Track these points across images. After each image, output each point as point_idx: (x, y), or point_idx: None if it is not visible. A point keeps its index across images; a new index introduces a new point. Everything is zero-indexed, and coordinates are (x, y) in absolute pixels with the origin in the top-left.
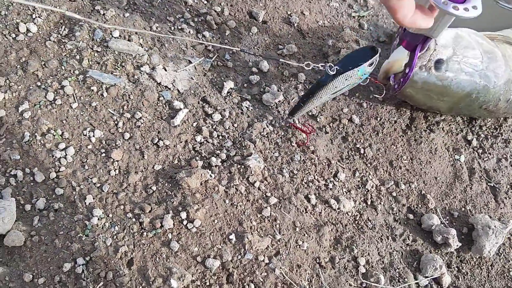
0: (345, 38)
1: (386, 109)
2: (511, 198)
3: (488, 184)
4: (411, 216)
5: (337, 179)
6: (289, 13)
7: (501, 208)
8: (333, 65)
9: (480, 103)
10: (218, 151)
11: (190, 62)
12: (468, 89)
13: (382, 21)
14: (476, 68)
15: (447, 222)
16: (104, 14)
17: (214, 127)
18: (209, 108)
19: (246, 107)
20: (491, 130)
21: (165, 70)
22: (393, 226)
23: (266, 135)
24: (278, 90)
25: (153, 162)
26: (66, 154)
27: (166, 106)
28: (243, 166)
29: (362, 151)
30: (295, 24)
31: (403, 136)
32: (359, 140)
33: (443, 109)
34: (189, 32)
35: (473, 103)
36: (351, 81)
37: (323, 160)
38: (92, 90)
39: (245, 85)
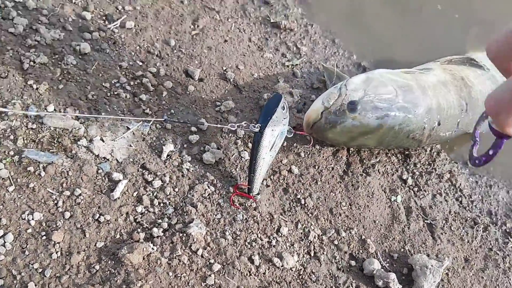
0: (280, 91)
1: (323, 157)
2: (447, 233)
3: (425, 221)
4: (353, 262)
5: (280, 234)
6: (224, 68)
7: (438, 245)
8: (254, 124)
9: (406, 133)
10: (160, 220)
11: (128, 128)
12: (388, 123)
13: (314, 67)
14: (391, 102)
15: (387, 265)
16: (37, 89)
17: (155, 195)
18: (149, 175)
19: (187, 169)
20: (425, 167)
21: (103, 141)
22: (336, 275)
23: (207, 197)
24: (218, 148)
25: (95, 239)
26: (5, 241)
27: (105, 178)
28: (185, 234)
29: (303, 202)
30: (231, 79)
31: (341, 182)
32: (299, 191)
33: (372, 145)
34: (126, 96)
35: (398, 134)
36: (278, 130)
37: (266, 216)
38: (29, 170)
39: (185, 145)
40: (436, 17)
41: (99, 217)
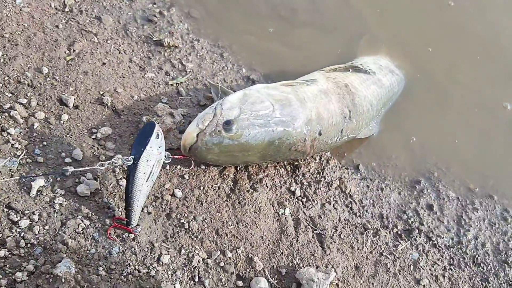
0: (159, 113)
1: (209, 177)
2: (337, 242)
3: (314, 232)
4: (240, 283)
5: (160, 263)
6: (101, 93)
7: (327, 255)
8: (126, 157)
9: (287, 146)
10: (26, 263)
11: None
12: (267, 139)
13: (201, 84)
14: (268, 118)
15: (276, 281)
16: None
17: (21, 235)
18: (15, 214)
19: (60, 203)
20: (314, 176)
21: None
22: None
23: (81, 232)
24: (94, 178)
25: None
26: None
27: None
28: (52, 276)
29: (187, 226)
30: (109, 104)
31: (227, 201)
32: (183, 215)
33: (255, 161)
34: None
35: (280, 148)
36: (154, 159)
37: (146, 245)
38: None
39: (58, 179)
40: (322, 27)
41: None
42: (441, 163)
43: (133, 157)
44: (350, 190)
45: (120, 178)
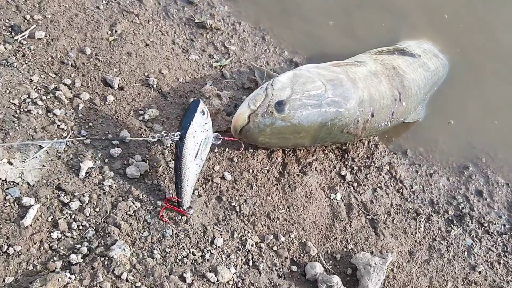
0: (206, 94)
1: (257, 160)
2: (390, 227)
3: (367, 217)
4: (294, 268)
5: (214, 247)
6: (146, 74)
7: (381, 240)
8: (173, 133)
9: (339, 127)
10: (79, 245)
11: (41, 147)
12: (320, 120)
13: (245, 67)
14: (321, 99)
15: (330, 267)
16: None
17: (73, 217)
18: (66, 196)
19: (109, 185)
20: (364, 160)
21: (11, 163)
22: (277, 284)
23: (133, 214)
24: (143, 160)
25: (3, 274)
26: None
27: (14, 205)
28: (107, 258)
29: (238, 209)
30: (155, 86)
31: (277, 185)
32: (234, 198)
33: (306, 144)
34: (38, 112)
35: (332, 130)
36: (201, 136)
37: (198, 228)
38: None
39: (106, 160)
40: (370, 9)
41: (7, 248)
42: (488, 148)
43: (180, 133)
44: (400, 175)
45: (170, 160)
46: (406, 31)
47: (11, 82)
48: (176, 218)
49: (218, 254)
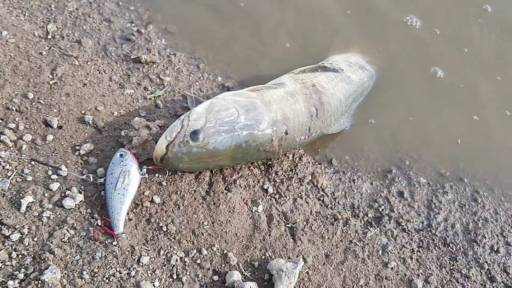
0: (135, 126)
1: (185, 181)
2: (308, 234)
3: (286, 225)
4: (216, 277)
5: (140, 264)
6: (83, 112)
7: (298, 246)
8: (94, 176)
9: (255, 147)
10: (17, 272)
11: None
12: (234, 143)
13: (179, 95)
14: (233, 124)
15: (249, 274)
16: None
17: (13, 248)
18: (7, 229)
19: (47, 217)
20: (287, 173)
21: None
22: None
23: (67, 241)
24: (79, 192)
25: None
26: None
27: None
28: (40, 282)
29: (165, 229)
30: (90, 122)
31: (203, 203)
32: (162, 219)
33: (227, 164)
34: None
35: (248, 150)
36: (117, 171)
37: (127, 249)
38: None
39: (46, 194)
40: (296, 30)
41: None
42: (413, 151)
43: (104, 179)
44: (322, 184)
45: (101, 190)
46: (336, 46)
47: None
48: (107, 242)
49: (143, 270)
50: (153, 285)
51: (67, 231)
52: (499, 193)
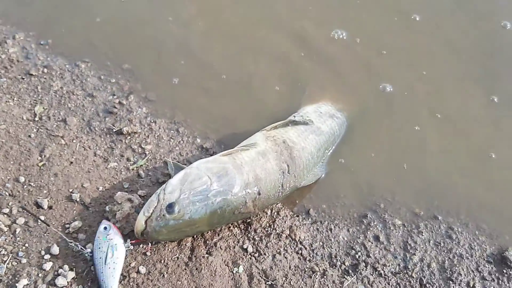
0: (118, 201)
1: (168, 249)
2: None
3: (267, 283)
4: None
5: None
6: (71, 190)
7: None
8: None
9: (230, 211)
10: None
11: None
12: (209, 211)
13: (160, 162)
14: (207, 192)
15: None
16: None
17: None
18: None
19: None
20: (266, 229)
21: None
22: None
23: None
24: (70, 269)
25: None
26: None
27: None
28: None
29: None
30: (78, 199)
31: (186, 269)
32: None
33: (205, 230)
34: None
35: (224, 215)
36: (105, 245)
37: None
38: None
39: (40, 275)
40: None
41: None
42: (387, 193)
43: (90, 250)
44: (300, 236)
45: (91, 265)
46: (307, 97)
47: None
48: None
49: None
50: None
51: None
52: (473, 227)
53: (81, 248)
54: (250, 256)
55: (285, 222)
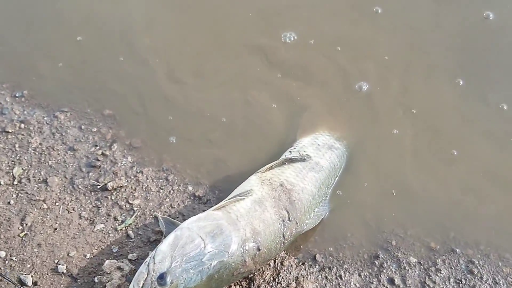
0: (107, 271)
1: None
2: None
3: None
4: None
5: None
6: (56, 261)
7: None
8: None
9: (228, 273)
10: None
11: None
12: (204, 277)
13: (150, 218)
14: (200, 257)
15: None
16: None
17: None
18: None
19: None
20: (270, 284)
21: None
22: None
23: None
24: None
25: None
26: None
27: None
28: None
29: None
30: (64, 271)
31: None
32: None
33: None
34: None
35: (222, 278)
36: None
37: None
38: None
39: None
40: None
41: None
42: (398, 228)
43: None
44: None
45: None
46: (302, 128)
47: None
48: None
49: None
50: None
51: None
52: (496, 258)
53: None
54: None
55: (290, 273)
